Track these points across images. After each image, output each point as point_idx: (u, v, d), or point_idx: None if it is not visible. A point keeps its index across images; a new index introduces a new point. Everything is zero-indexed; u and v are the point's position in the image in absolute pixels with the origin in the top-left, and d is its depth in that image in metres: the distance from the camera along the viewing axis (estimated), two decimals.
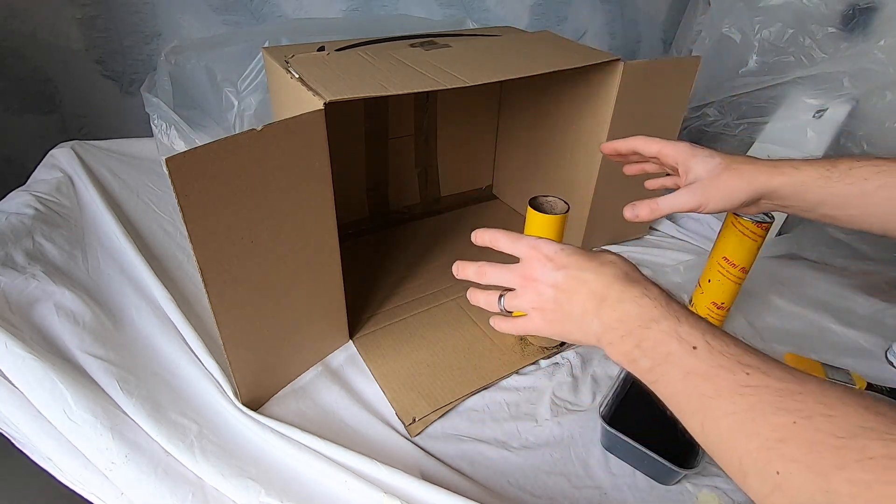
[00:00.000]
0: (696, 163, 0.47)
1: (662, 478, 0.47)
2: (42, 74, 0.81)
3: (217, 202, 0.39)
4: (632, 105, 0.66)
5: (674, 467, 0.44)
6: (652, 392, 0.31)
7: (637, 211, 0.49)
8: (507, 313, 0.41)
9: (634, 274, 0.36)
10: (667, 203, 0.47)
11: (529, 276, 0.38)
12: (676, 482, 0.47)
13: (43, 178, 0.74)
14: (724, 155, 0.46)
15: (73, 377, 0.46)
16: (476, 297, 0.43)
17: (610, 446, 0.50)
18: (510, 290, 0.40)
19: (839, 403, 0.23)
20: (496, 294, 0.41)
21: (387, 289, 0.70)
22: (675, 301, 0.33)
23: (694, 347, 0.29)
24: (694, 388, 0.28)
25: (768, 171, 0.43)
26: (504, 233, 0.42)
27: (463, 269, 0.43)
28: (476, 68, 0.56)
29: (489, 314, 0.66)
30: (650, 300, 0.32)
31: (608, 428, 0.47)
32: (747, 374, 0.26)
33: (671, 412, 0.30)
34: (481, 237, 0.43)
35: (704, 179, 0.45)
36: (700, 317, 0.31)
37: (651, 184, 0.59)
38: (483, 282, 0.42)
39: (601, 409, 0.49)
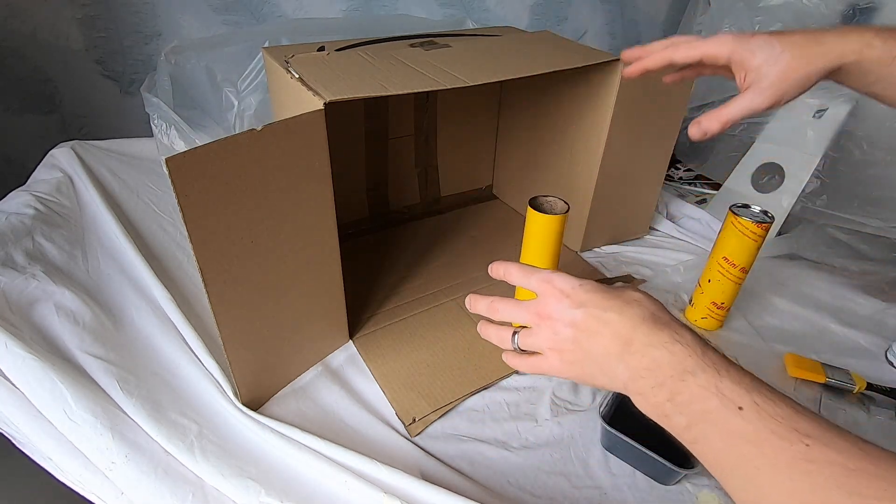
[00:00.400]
0: (755, 58, 0.41)
1: (662, 478, 0.47)
2: (42, 74, 0.81)
3: (217, 202, 0.39)
4: (632, 105, 0.66)
5: (674, 467, 0.44)
6: (690, 454, 0.28)
7: (705, 126, 0.43)
8: (522, 351, 0.38)
9: (662, 315, 0.32)
10: (738, 108, 0.42)
11: (545, 314, 0.35)
12: (676, 482, 0.47)
13: (43, 178, 0.74)
14: (780, 36, 0.41)
15: (73, 377, 0.46)
16: (487, 332, 0.40)
17: (610, 446, 0.50)
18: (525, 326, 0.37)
19: None
20: (510, 330, 0.38)
21: (387, 289, 0.70)
22: (710, 348, 0.30)
23: (740, 408, 0.26)
24: (741, 454, 0.25)
25: (839, 48, 0.40)
26: (516, 265, 0.39)
27: (475, 304, 0.40)
28: (476, 68, 0.56)
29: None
30: (683, 347, 0.29)
31: (608, 428, 0.47)
32: (807, 445, 0.23)
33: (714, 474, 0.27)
34: (495, 270, 0.41)
35: (772, 75, 0.41)
36: (741, 368, 0.28)
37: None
38: (496, 318, 0.39)
39: (601, 409, 0.49)
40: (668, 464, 0.44)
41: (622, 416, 0.49)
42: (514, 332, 0.38)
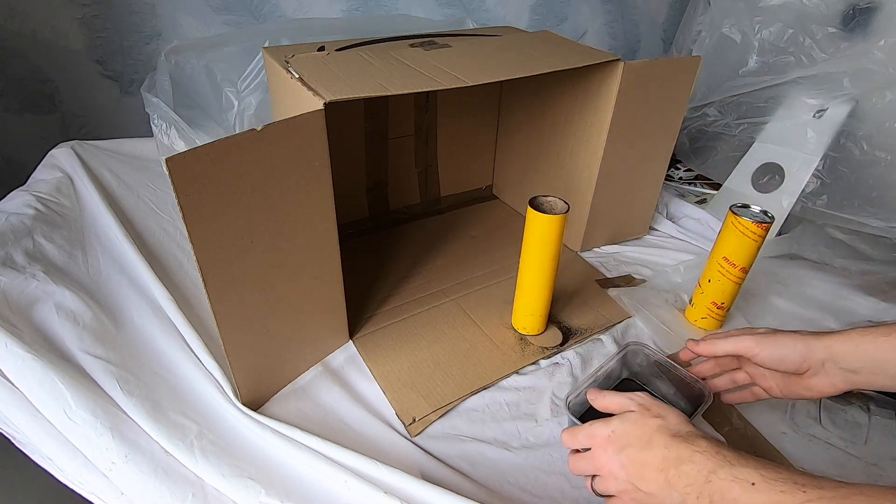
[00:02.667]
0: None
1: None
2: (42, 74, 0.81)
3: (217, 202, 0.39)
4: (632, 105, 0.66)
5: None
6: None
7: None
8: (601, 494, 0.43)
9: (682, 427, 0.39)
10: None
11: (601, 466, 0.40)
12: None
13: (43, 178, 0.74)
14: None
15: (73, 377, 0.46)
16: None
17: None
18: None
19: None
20: (589, 478, 0.43)
21: (387, 289, 0.70)
22: (723, 447, 0.36)
23: (752, 484, 0.32)
24: None
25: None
26: (566, 432, 0.43)
27: (565, 442, 0.44)
28: (476, 68, 0.56)
29: (489, 314, 0.66)
30: (702, 454, 0.35)
31: (574, 420, 0.46)
32: (804, 490, 0.30)
33: None
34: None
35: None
36: (747, 455, 0.35)
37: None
38: (575, 473, 0.43)
39: (568, 401, 0.48)
40: None
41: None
42: (591, 478, 0.42)
